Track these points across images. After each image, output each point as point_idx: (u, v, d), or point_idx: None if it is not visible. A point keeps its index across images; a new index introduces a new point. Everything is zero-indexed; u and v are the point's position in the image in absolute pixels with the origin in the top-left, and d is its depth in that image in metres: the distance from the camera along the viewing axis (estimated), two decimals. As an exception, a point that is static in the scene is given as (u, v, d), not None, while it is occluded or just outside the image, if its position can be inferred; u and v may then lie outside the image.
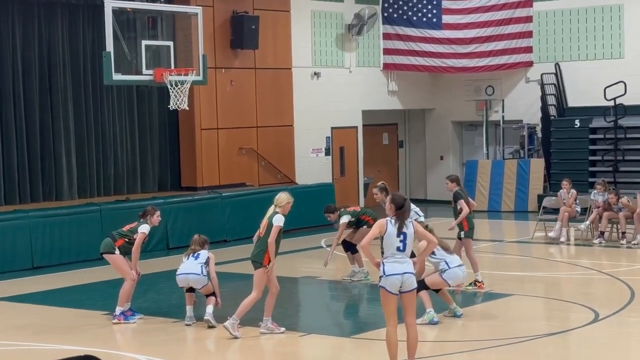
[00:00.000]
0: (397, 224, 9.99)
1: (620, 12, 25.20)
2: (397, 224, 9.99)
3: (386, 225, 10.01)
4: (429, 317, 12.56)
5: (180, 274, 13.08)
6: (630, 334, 12.28)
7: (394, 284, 9.91)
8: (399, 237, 9.97)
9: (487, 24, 26.39)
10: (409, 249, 10.08)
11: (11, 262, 17.81)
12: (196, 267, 12.96)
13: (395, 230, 9.97)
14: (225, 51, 22.63)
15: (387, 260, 9.98)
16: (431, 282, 12.73)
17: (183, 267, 13.10)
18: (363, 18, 25.52)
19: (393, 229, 9.98)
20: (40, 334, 12.70)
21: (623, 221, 19.31)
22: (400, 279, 9.89)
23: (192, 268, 12.99)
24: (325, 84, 25.25)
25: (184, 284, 13.09)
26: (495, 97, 27.17)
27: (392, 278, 9.90)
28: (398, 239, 9.97)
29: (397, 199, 10.10)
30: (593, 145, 25.02)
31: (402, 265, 9.92)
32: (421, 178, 28.76)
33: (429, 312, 12.58)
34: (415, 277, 10.15)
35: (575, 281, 16.00)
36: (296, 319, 13.76)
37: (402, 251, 9.97)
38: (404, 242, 9.98)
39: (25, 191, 20.05)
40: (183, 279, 13.05)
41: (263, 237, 12.12)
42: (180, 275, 13.08)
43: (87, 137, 21.04)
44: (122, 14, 18.14)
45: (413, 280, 10.01)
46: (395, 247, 9.97)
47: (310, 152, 25.01)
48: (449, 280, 12.73)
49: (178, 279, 13.11)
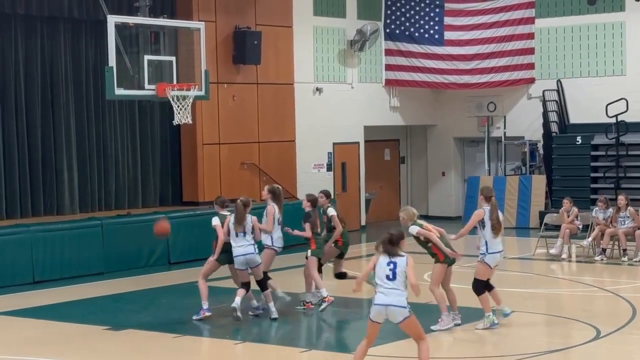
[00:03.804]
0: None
1: (622, 29, 25.24)
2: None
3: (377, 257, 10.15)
4: (488, 321, 12.84)
5: (238, 255, 13.72)
6: (631, 352, 12.24)
7: (375, 312, 10.03)
8: (388, 266, 10.01)
9: (489, 40, 26.45)
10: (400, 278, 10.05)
11: (12, 276, 17.78)
12: (249, 247, 13.70)
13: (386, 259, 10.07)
14: (228, 66, 22.67)
15: (377, 288, 10.09)
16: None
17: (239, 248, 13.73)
18: (365, 34, 25.56)
19: (384, 257, 10.07)
20: (41, 348, 12.66)
21: (623, 238, 19.30)
22: (381, 310, 9.99)
23: (247, 248, 13.71)
24: (327, 99, 25.28)
25: (243, 266, 13.80)
26: (497, 113, 27.18)
27: (376, 308, 9.99)
28: (388, 267, 10.02)
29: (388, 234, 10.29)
30: (595, 162, 25.01)
31: (388, 297, 9.98)
32: (423, 194, 28.75)
33: (487, 316, 12.85)
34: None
35: (577, 298, 15.98)
36: (296, 334, 13.74)
37: (392, 280, 10.00)
38: (393, 271, 10.01)
39: (26, 205, 20.05)
40: (242, 260, 13.74)
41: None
42: (239, 257, 13.73)
43: (89, 151, 21.06)
44: (125, 28, 18.17)
45: (396, 312, 9.99)
46: (385, 275, 10.02)
47: (312, 167, 25.02)
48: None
49: (237, 260, 13.74)
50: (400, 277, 10.01)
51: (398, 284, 9.98)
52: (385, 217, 28.02)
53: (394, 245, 10.16)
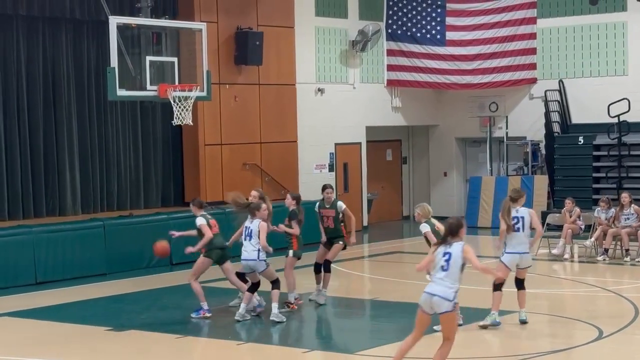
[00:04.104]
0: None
1: (625, 29, 25.23)
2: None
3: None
4: (490, 318, 13.08)
5: (242, 259, 13.89)
6: (634, 352, 12.23)
7: (423, 300, 10.04)
8: (444, 257, 10.04)
9: (490, 40, 26.44)
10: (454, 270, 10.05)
11: (14, 277, 17.78)
12: (252, 253, 13.72)
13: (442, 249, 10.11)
14: (229, 67, 22.67)
15: (432, 277, 10.15)
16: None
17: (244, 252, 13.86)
18: (367, 34, 25.56)
19: (442, 247, 10.12)
20: (43, 349, 12.67)
21: (626, 238, 19.29)
22: (428, 298, 9.99)
23: (250, 253, 13.75)
24: (329, 100, 25.28)
25: (247, 269, 13.95)
26: (499, 113, 27.17)
27: (423, 295, 10.03)
28: (443, 258, 10.04)
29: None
30: (597, 162, 25.00)
31: (436, 287, 10.01)
32: (425, 194, 28.72)
33: (491, 314, 13.06)
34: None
35: (579, 298, 15.97)
36: (299, 335, 13.74)
37: (445, 271, 10.02)
38: (447, 262, 10.02)
39: (28, 206, 20.06)
40: (244, 265, 13.89)
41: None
42: (242, 262, 13.90)
43: (91, 152, 21.06)
44: (127, 29, 18.18)
45: (441, 303, 9.96)
46: (440, 265, 10.05)
47: (314, 168, 25.02)
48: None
49: (242, 263, 13.98)
50: (454, 268, 10.00)
51: (449, 276, 9.98)
52: (387, 218, 28.06)
53: (453, 234, 10.15)
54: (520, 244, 13.35)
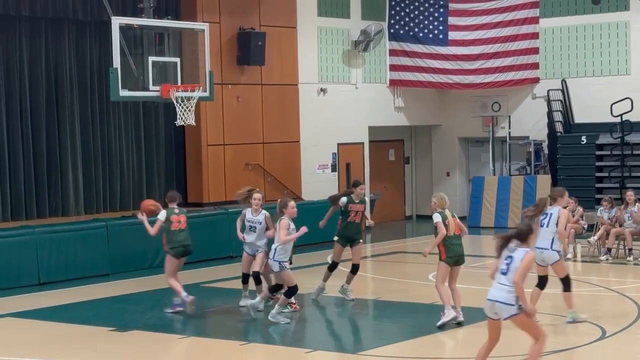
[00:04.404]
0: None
1: (627, 29, 25.22)
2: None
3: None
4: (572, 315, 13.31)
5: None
6: (637, 352, 12.22)
7: (486, 307, 9.92)
8: (506, 261, 9.89)
9: (493, 40, 26.44)
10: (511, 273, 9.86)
11: (17, 277, 17.79)
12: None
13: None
14: (232, 67, 22.68)
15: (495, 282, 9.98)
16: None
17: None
18: (369, 34, 25.56)
19: (506, 251, 9.94)
20: (46, 349, 12.68)
21: (629, 238, 19.28)
22: (490, 305, 9.87)
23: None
24: (332, 100, 25.28)
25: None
26: (501, 113, 27.17)
27: (486, 303, 9.92)
28: (505, 262, 9.89)
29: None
30: (600, 162, 24.99)
31: (497, 292, 9.85)
32: (427, 194, 28.65)
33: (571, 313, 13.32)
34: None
35: (582, 298, 15.93)
36: (302, 335, 13.73)
37: (504, 275, 9.86)
38: (507, 267, 9.84)
39: (31, 207, 20.07)
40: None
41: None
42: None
43: (94, 152, 21.08)
44: (129, 30, 18.18)
45: (502, 309, 9.81)
46: (501, 270, 9.91)
47: (317, 168, 25.02)
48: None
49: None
50: (513, 273, 9.81)
51: (509, 280, 9.78)
52: (390, 218, 28.03)
53: (522, 240, 9.96)
54: (541, 239, 13.32)
